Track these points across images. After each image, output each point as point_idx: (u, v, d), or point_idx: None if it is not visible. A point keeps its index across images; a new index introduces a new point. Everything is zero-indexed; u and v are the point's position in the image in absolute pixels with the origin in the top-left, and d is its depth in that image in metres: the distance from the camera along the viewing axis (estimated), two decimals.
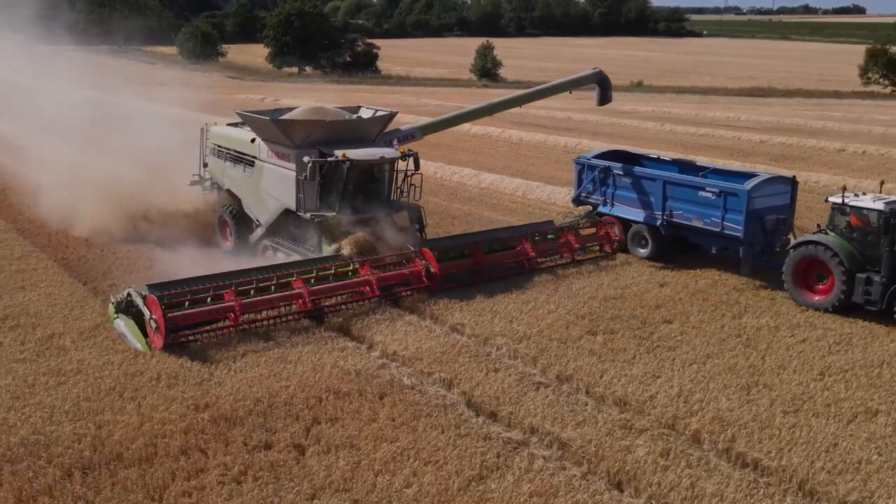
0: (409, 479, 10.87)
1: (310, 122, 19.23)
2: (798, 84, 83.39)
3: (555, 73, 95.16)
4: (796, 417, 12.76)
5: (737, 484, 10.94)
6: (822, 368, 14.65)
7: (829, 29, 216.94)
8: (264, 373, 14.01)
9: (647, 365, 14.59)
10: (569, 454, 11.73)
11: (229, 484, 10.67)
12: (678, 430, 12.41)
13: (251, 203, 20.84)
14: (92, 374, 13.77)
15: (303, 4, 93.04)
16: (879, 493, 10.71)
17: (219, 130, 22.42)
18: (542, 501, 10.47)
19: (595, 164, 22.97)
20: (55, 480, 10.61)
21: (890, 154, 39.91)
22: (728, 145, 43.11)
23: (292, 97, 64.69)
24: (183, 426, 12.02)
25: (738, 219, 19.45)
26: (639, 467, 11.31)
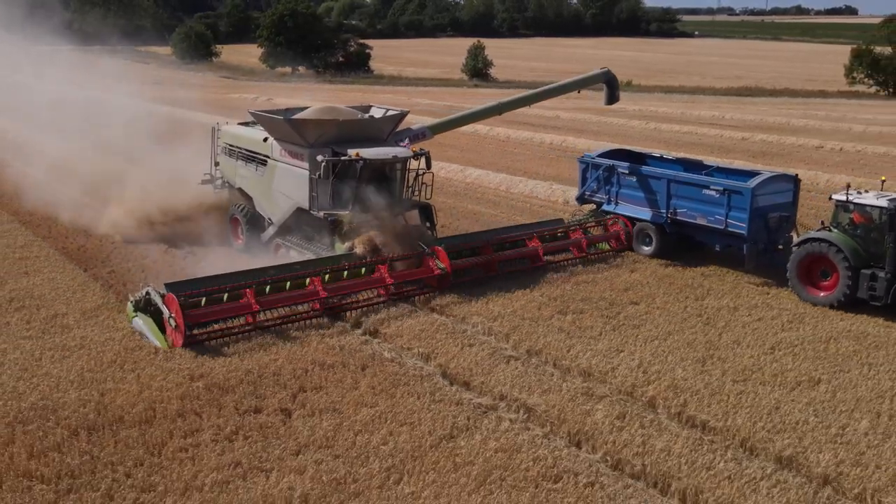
0: (385, 437, 11.93)
1: (323, 122, 19.33)
2: (785, 84, 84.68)
3: (545, 73, 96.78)
4: (744, 385, 13.86)
5: (684, 441, 12.03)
6: (773, 343, 15.77)
7: (821, 30, 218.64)
8: (255, 347, 15.08)
9: (612, 341, 15.68)
10: (534, 417, 12.81)
11: (222, 442, 11.72)
12: (635, 397, 13.50)
13: (263, 202, 20.99)
14: (94, 348, 14.82)
15: (296, 5, 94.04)
16: (812, 449, 11.79)
17: (230, 130, 22.54)
18: (506, 456, 11.52)
19: (599, 163, 23.24)
20: (63, 439, 11.63)
21: (865, 151, 41.15)
22: (710, 143, 44.28)
23: (286, 97, 65.65)
24: (179, 393, 13.08)
25: (742, 216, 19.72)
26: (596, 428, 12.38)
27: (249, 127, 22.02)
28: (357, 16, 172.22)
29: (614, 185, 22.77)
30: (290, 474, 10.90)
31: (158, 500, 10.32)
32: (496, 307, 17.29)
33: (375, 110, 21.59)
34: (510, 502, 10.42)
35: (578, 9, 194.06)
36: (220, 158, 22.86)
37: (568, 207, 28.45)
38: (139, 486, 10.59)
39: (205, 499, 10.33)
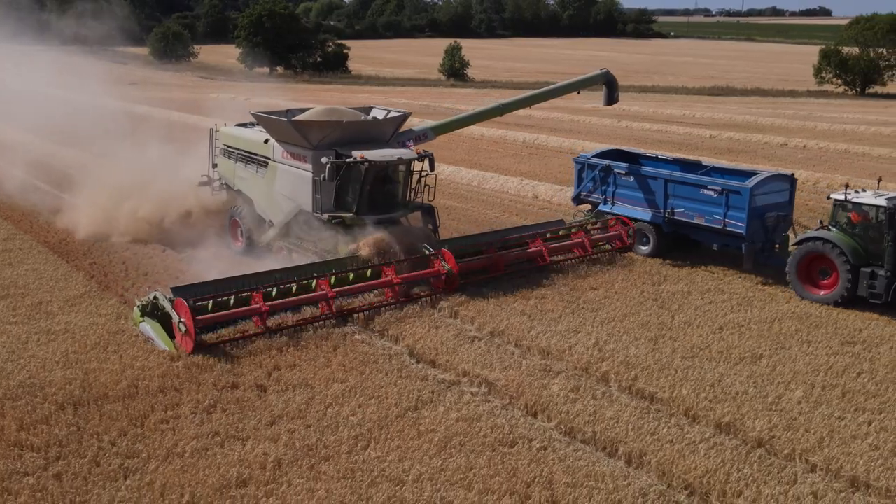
0: (354, 409, 12.79)
1: (327, 123, 19.15)
2: (757, 84, 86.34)
3: (522, 73, 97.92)
4: (692, 361, 14.84)
5: (632, 410, 12.97)
6: (722, 324, 16.79)
7: (795, 31, 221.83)
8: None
9: (571, 322, 16.62)
10: (494, 391, 13.71)
11: (201, 414, 12.52)
12: (590, 373, 14.44)
13: (263, 204, 20.79)
14: (78, 333, 15.57)
15: (274, 5, 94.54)
16: (749, 416, 12.77)
17: (229, 131, 22.26)
18: (466, 425, 12.41)
19: (595, 163, 23.28)
20: (50, 413, 12.39)
21: (828, 147, 42.47)
22: (679, 140, 45.45)
23: (264, 97, 66.19)
24: (160, 371, 13.87)
25: (741, 216, 19.81)
26: (552, 400, 13.29)
27: (249, 128, 21.85)
28: (335, 16, 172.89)
29: (611, 185, 22.85)
30: (264, 442, 11.73)
31: (142, 465, 11.09)
32: (465, 294, 18.15)
33: (377, 111, 21.48)
34: (468, 464, 11.29)
35: (556, 10, 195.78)
36: (218, 160, 22.66)
37: (537, 202, 29.45)
38: (123, 454, 11.37)
39: (185, 464, 11.13)
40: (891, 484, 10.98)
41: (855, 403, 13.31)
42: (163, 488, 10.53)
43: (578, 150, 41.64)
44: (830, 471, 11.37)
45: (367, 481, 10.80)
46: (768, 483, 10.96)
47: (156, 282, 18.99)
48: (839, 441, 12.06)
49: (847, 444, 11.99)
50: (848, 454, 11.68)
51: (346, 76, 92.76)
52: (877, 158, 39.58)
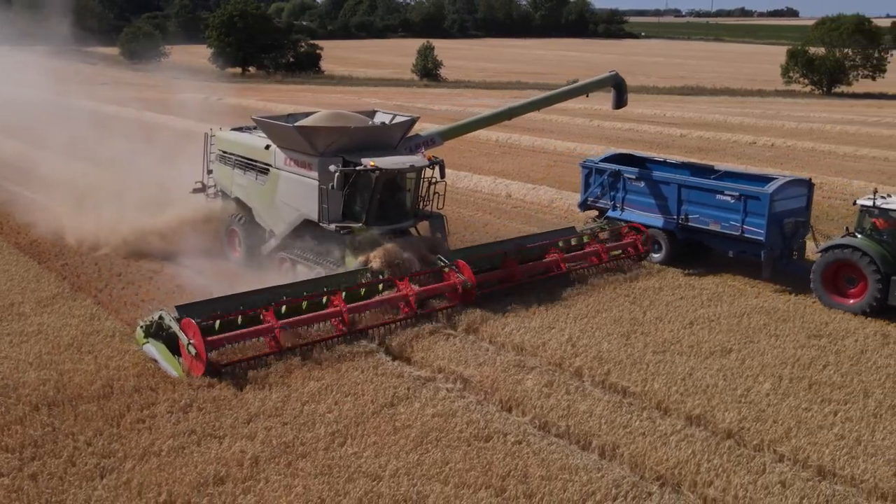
0: (331, 406, 12.87)
1: (334, 129, 18.25)
2: (726, 83, 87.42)
3: (495, 73, 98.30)
4: (663, 356, 15.09)
5: (605, 404, 13.17)
6: (692, 319, 17.08)
7: (763, 31, 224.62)
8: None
9: (545, 319, 16.80)
10: (469, 387, 13.86)
11: (177, 413, 12.53)
12: (563, 367, 14.64)
13: (264, 213, 19.86)
14: (51, 333, 15.49)
15: (245, 5, 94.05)
16: (719, 408, 13.03)
17: (226, 136, 21.34)
18: (441, 420, 12.54)
19: (604, 168, 22.68)
20: (25, 413, 12.33)
21: (795, 146, 43.21)
22: (649, 139, 45.94)
23: (236, 97, 65.98)
24: (136, 371, 13.85)
25: (760, 222, 19.26)
26: (526, 395, 13.46)
27: (246, 133, 21.06)
28: (307, 17, 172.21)
29: (620, 190, 22.24)
30: (241, 440, 11.78)
31: (118, 465, 11.09)
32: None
33: (381, 116, 20.69)
34: (444, 459, 11.42)
35: (527, 10, 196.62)
36: (213, 166, 21.72)
37: (510, 201, 29.67)
38: (99, 453, 11.36)
39: (162, 462, 11.15)
40: (856, 472, 11.27)
41: (821, 395, 13.63)
42: (140, 487, 10.55)
43: (550, 150, 42.10)
44: (798, 460, 11.65)
45: (344, 477, 10.89)
46: (738, 473, 11.20)
47: (129, 282, 18.96)
48: (806, 431, 12.35)
49: (814, 434, 12.28)
50: (814, 444, 11.97)
51: (318, 76, 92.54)
52: (842, 157, 40.32)
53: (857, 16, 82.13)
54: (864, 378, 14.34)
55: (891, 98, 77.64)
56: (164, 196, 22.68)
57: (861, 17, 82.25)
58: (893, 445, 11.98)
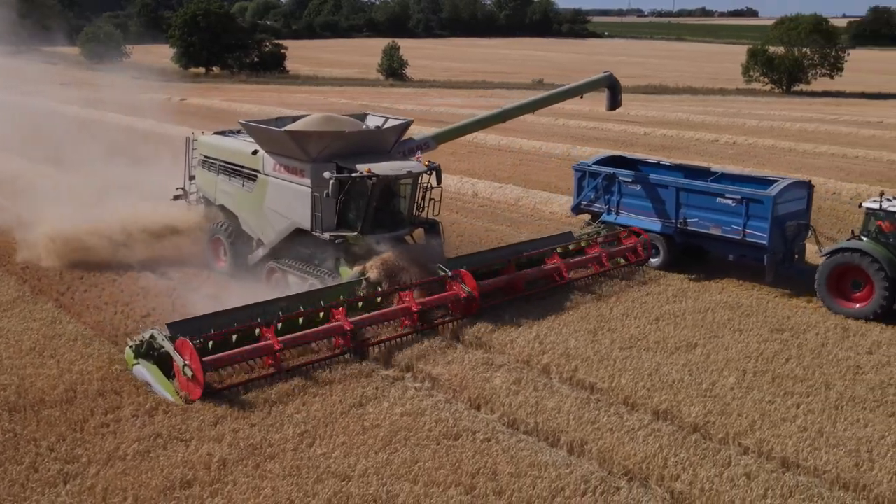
0: (298, 407, 12.80)
1: (328, 134, 17.54)
2: (688, 82, 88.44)
3: (460, 72, 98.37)
4: (630, 352, 15.23)
5: (573, 401, 13.26)
6: (658, 315, 17.26)
7: (723, 31, 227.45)
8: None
9: (512, 316, 16.85)
10: (437, 386, 13.87)
11: (142, 416, 12.37)
12: (531, 365, 14.71)
13: (251, 221, 19.09)
14: (12, 338, 15.21)
15: (209, 5, 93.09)
16: (685, 403, 13.18)
17: (209, 140, 20.47)
18: (410, 419, 12.53)
19: (598, 171, 22.20)
20: None
21: (756, 143, 43.85)
22: (614, 137, 46.31)
23: (200, 97, 65.34)
24: (99, 375, 13.64)
25: (763, 226, 18.91)
26: (494, 393, 13.50)
27: (230, 137, 20.33)
28: (271, 16, 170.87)
29: (615, 193, 21.72)
30: (208, 442, 11.66)
31: (82, 470, 10.91)
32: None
33: (372, 119, 19.95)
34: (413, 458, 11.41)
35: (492, 10, 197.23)
36: (196, 172, 20.90)
37: (477, 200, 29.73)
38: (63, 459, 11.17)
39: (127, 467, 11.00)
40: (818, 463, 11.46)
41: (784, 388, 13.85)
42: (104, 492, 10.40)
43: (516, 148, 42.24)
44: (762, 452, 11.83)
45: (312, 478, 10.83)
46: (704, 466, 11.34)
47: (92, 284, 18.67)
48: (770, 424, 12.54)
49: (777, 426, 12.48)
50: (778, 436, 12.16)
51: (283, 76, 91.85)
52: (802, 154, 41.01)
53: (815, 16, 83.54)
54: (825, 371, 14.60)
55: (848, 96, 79.14)
56: (106, 197, 22.03)
57: (819, 17, 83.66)
58: (854, 436, 12.21)
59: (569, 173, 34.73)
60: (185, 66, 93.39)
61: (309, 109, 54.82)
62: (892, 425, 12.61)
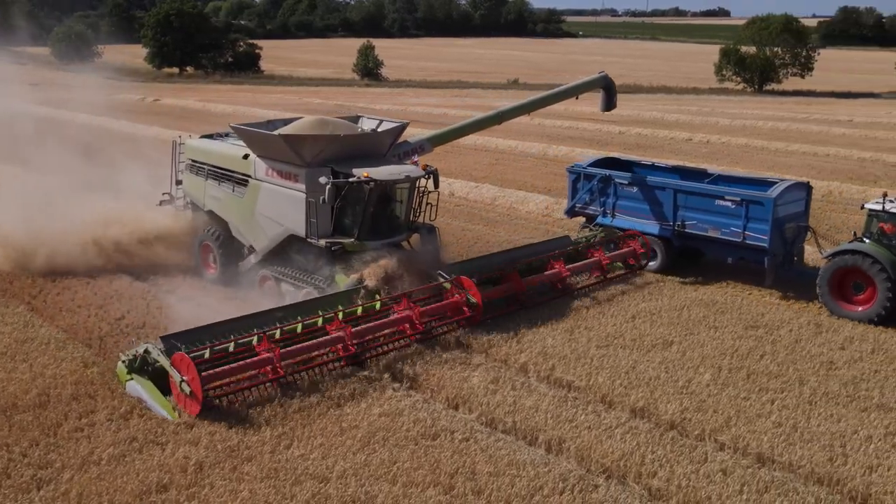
0: (276, 409, 12.72)
1: (323, 138, 17.05)
2: (662, 81, 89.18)
3: (435, 72, 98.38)
4: (607, 350, 15.31)
5: (550, 399, 13.30)
6: (634, 313, 17.36)
7: (696, 30, 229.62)
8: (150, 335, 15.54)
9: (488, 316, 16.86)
10: (415, 386, 13.85)
11: (117, 420, 12.24)
12: (509, 364, 14.74)
13: (242, 227, 18.58)
14: None
15: (181, 4, 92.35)
16: (661, 401, 13.27)
17: (197, 144, 19.90)
18: (388, 420, 12.50)
19: (593, 173, 21.77)
20: None
21: (730, 142, 44.31)
22: (589, 136, 46.56)
23: (173, 97, 64.81)
24: (73, 379, 13.47)
25: (764, 228, 18.67)
26: (472, 392, 13.51)
27: (218, 140, 19.78)
28: (245, 16, 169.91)
29: (610, 196, 21.40)
30: (185, 445, 11.56)
31: (56, 475, 10.77)
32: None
33: (366, 121, 19.49)
34: (392, 458, 11.38)
35: (467, 10, 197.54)
36: (183, 176, 20.28)
37: (454, 199, 29.71)
38: (36, 464, 11.01)
39: (102, 471, 10.87)
40: (793, 458, 11.59)
41: (759, 384, 13.99)
42: (79, 498, 10.28)
43: (492, 148, 42.30)
44: (738, 448, 11.94)
45: (290, 480, 10.77)
46: (681, 463, 11.42)
47: (65, 287, 18.43)
48: (745, 420, 12.67)
49: (752, 422, 12.61)
50: (753, 432, 12.28)
51: (258, 76, 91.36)
52: (774, 152, 41.48)
53: (786, 16, 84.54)
54: (798, 367, 14.77)
55: (818, 95, 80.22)
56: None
57: (789, 16, 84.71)
58: (828, 431, 12.36)
59: (545, 172, 35.05)
60: (159, 66, 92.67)
61: (284, 110, 54.76)
62: (864, 420, 12.78)
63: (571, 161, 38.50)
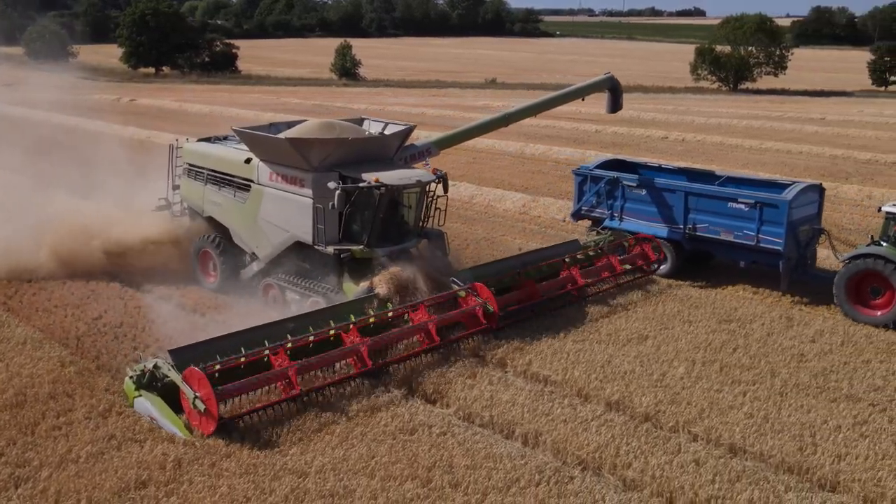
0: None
1: (331, 141, 16.51)
2: (638, 80, 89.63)
3: (413, 72, 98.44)
4: (582, 344, 15.49)
5: (527, 393, 13.46)
6: (610, 308, 17.59)
7: (672, 30, 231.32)
8: (128, 333, 15.58)
9: None
10: (393, 381, 13.95)
11: (95, 418, 12.25)
12: (486, 360, 14.89)
13: (244, 233, 18.04)
14: None
15: (157, 4, 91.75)
16: (636, 394, 13.48)
17: (196, 148, 19.36)
18: (367, 416, 12.60)
19: (600, 175, 21.34)
20: None
21: (705, 140, 44.78)
22: (566, 135, 46.83)
23: (149, 97, 64.39)
24: (50, 378, 13.45)
25: (779, 231, 18.35)
26: (450, 387, 13.65)
27: (217, 144, 19.31)
28: (222, 15, 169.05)
29: (618, 199, 21.00)
30: (163, 442, 11.60)
31: (34, 473, 10.78)
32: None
33: (370, 124, 19.06)
34: (370, 453, 11.49)
35: (445, 9, 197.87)
36: (181, 181, 19.71)
37: None
38: (13, 463, 11.02)
39: (80, 469, 10.89)
40: (764, 448, 11.84)
41: (731, 376, 14.25)
42: (57, 495, 10.30)
43: (469, 147, 42.12)
44: (711, 439, 12.17)
45: (269, 475, 10.85)
46: (655, 454, 11.62)
47: (41, 287, 18.35)
48: (718, 412, 12.90)
49: (725, 414, 12.84)
50: (726, 423, 12.52)
51: (235, 76, 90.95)
52: (748, 150, 41.99)
53: (759, 15, 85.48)
54: (770, 359, 15.04)
55: (792, 94, 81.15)
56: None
57: (763, 16, 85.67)
58: (798, 421, 12.62)
59: (522, 171, 35.28)
60: (134, 66, 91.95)
61: (262, 110, 54.67)
62: (833, 410, 13.06)
63: (549, 159, 38.98)
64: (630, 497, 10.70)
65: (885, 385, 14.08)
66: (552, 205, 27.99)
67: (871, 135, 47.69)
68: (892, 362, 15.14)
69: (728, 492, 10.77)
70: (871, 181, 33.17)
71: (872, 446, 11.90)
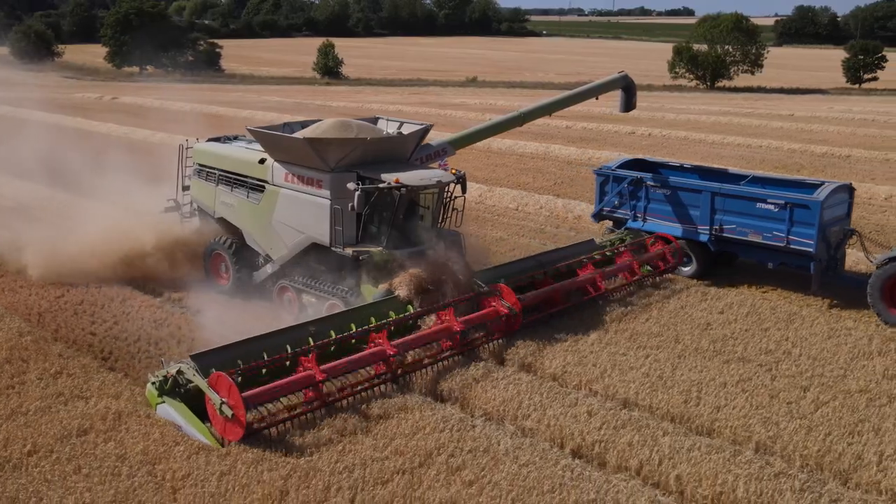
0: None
1: (350, 141, 16.25)
2: None
3: (398, 71, 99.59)
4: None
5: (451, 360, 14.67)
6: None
7: (659, 29, 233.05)
8: (87, 310, 16.72)
9: None
10: None
11: (47, 378, 13.43)
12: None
13: (258, 235, 17.81)
14: None
15: (141, 4, 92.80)
16: (547, 357, 14.66)
17: (207, 148, 19.04)
18: None
19: (623, 176, 20.99)
20: None
21: (670, 135, 46.09)
22: (536, 131, 47.79)
23: (133, 96, 65.39)
24: (8, 346, 14.62)
25: (810, 233, 17.94)
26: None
27: (228, 144, 19.12)
28: (210, 15, 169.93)
29: (641, 199, 20.66)
30: (107, 398, 12.78)
31: None
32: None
33: (384, 123, 18.83)
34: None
35: (432, 9, 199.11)
36: (191, 182, 19.45)
37: None
38: None
39: (28, 420, 12.07)
40: (654, 402, 13.07)
41: (638, 343, 15.46)
42: (5, 441, 11.46)
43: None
44: (608, 395, 13.40)
45: None
46: (553, 407, 12.81)
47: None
48: (619, 372, 14.10)
49: (625, 373, 14.05)
50: (624, 381, 13.73)
51: (218, 75, 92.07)
52: (710, 144, 43.29)
53: (736, 14, 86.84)
54: (678, 328, 16.27)
55: (768, 92, 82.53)
56: None
57: (739, 15, 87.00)
58: (689, 380, 13.84)
59: (487, 164, 36.44)
60: (119, 65, 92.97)
61: (243, 107, 55.82)
62: (723, 370, 14.29)
63: (515, 155, 40.16)
64: (524, 441, 11.91)
65: (776, 348, 15.35)
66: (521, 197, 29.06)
67: (832, 130, 49.06)
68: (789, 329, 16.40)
69: (612, 437, 11.96)
70: (821, 173, 34.43)
71: (750, 399, 13.14)
